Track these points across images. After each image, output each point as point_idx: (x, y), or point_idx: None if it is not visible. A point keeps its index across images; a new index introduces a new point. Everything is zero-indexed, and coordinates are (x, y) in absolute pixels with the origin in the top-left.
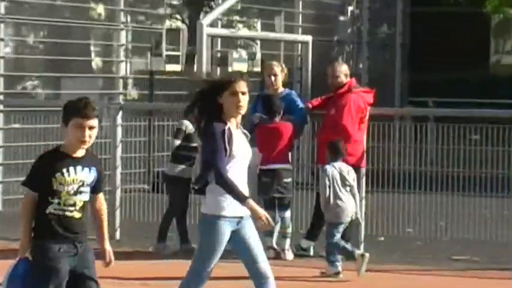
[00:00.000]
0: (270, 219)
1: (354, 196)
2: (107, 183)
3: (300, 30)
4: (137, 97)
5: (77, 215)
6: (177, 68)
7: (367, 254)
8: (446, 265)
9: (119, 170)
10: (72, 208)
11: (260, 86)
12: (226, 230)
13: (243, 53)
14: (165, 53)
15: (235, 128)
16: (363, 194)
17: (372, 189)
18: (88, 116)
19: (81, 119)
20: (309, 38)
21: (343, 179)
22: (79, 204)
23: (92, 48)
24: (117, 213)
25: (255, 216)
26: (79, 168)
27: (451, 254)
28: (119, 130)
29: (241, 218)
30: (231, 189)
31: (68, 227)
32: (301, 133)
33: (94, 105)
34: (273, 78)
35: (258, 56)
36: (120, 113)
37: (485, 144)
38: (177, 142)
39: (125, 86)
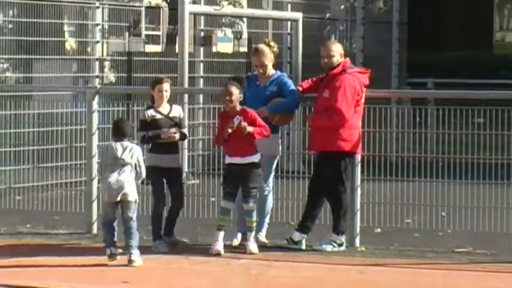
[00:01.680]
0: None
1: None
2: (83, 174)
3: (289, 7)
4: (114, 80)
5: None
6: (157, 48)
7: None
8: (448, 258)
9: (95, 160)
10: None
11: (246, 67)
12: None
13: (228, 32)
14: (144, 32)
15: None
16: (358, 183)
17: (368, 177)
18: None
19: None
20: (299, 16)
21: (115, 158)
22: None
23: (65, 28)
24: (94, 205)
25: None
26: None
27: (453, 246)
28: (95, 116)
29: None
30: None
31: None
32: (292, 118)
33: None
34: (261, 70)
35: (245, 35)
36: (97, 97)
37: (491, 128)
38: (140, 134)
39: (102, 69)
